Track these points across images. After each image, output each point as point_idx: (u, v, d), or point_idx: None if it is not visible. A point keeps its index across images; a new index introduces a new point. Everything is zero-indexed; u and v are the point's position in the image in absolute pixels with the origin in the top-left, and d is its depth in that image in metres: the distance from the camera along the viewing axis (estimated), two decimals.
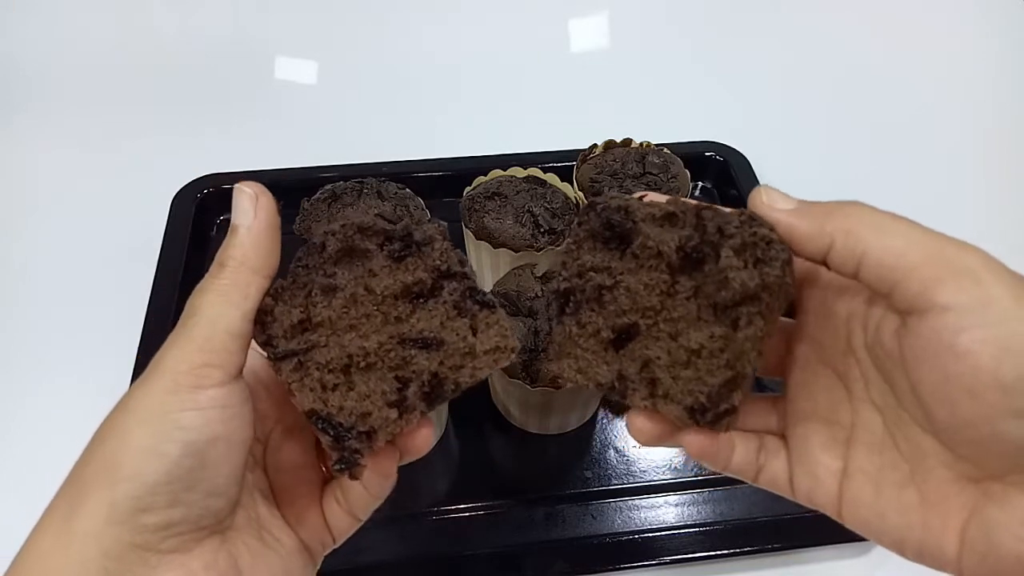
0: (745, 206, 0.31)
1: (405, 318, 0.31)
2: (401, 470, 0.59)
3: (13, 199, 0.77)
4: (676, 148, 0.71)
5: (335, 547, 0.33)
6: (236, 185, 0.30)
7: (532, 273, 0.57)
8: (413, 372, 0.30)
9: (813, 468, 0.31)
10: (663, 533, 0.53)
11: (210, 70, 0.93)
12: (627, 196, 0.32)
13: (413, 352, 0.30)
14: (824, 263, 0.29)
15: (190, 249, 0.68)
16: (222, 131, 0.85)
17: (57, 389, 0.61)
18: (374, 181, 0.63)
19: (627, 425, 0.32)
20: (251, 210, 0.30)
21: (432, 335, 0.30)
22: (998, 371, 0.24)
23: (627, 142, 0.71)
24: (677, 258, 0.30)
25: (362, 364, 0.30)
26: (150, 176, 0.77)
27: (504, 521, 0.54)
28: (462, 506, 0.55)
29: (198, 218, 0.71)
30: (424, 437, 0.32)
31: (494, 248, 0.62)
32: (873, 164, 0.85)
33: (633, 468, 0.57)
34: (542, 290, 0.56)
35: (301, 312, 0.30)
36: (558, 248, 0.63)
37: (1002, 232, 0.78)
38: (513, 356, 0.31)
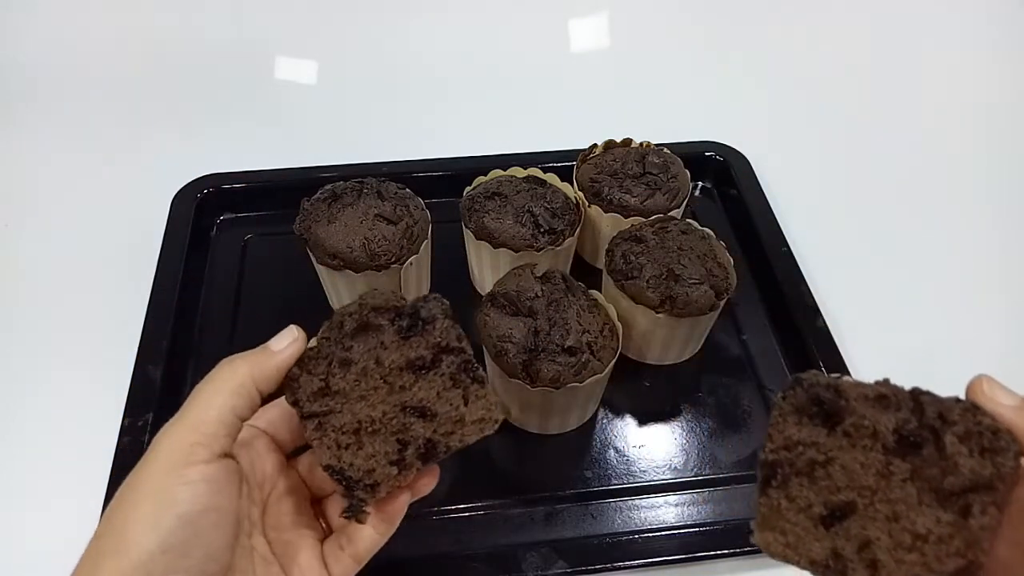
0: (745, 206, 0.31)
1: (408, 387, 0.36)
2: None
3: (13, 199, 0.77)
4: (676, 148, 0.71)
5: None
6: (291, 327, 0.37)
7: (532, 273, 0.57)
8: (411, 437, 0.36)
9: None
10: (663, 533, 0.53)
11: (210, 70, 0.92)
12: (835, 375, 0.33)
13: (412, 420, 0.36)
14: None
15: (190, 249, 0.68)
16: (222, 131, 0.85)
17: (57, 389, 0.61)
18: (374, 181, 0.63)
19: None
20: (286, 343, 0.36)
21: (429, 406, 0.36)
22: None
23: (627, 142, 0.71)
24: (893, 440, 0.31)
25: (369, 429, 0.35)
26: (150, 176, 0.77)
27: (504, 521, 0.54)
28: (462, 506, 0.54)
29: (198, 218, 0.71)
30: (427, 483, 0.39)
31: (494, 248, 0.62)
32: (873, 164, 0.85)
33: (633, 468, 0.57)
34: (542, 290, 0.56)
35: (321, 381, 0.36)
36: (558, 248, 0.63)
37: (1002, 232, 0.78)
38: (496, 426, 0.36)
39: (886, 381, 0.32)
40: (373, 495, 0.35)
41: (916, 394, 0.32)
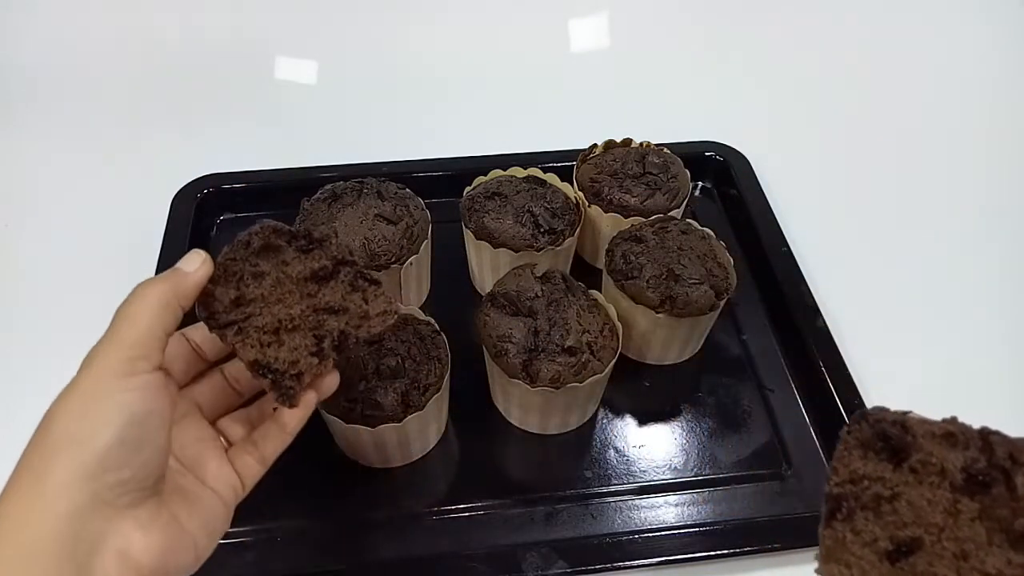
0: (745, 206, 0.31)
1: (315, 294, 0.41)
2: (401, 470, 0.59)
3: (13, 199, 0.77)
4: (676, 148, 0.71)
5: (242, 497, 0.41)
6: (196, 250, 0.40)
7: (532, 273, 0.57)
8: (326, 331, 0.40)
9: None
10: (663, 533, 0.53)
11: (210, 70, 0.92)
12: (902, 411, 0.34)
13: (325, 317, 0.41)
14: None
15: (190, 249, 0.68)
16: (222, 131, 0.85)
17: (57, 389, 0.60)
18: (374, 181, 0.63)
19: None
20: (197, 263, 0.40)
21: (337, 305, 0.41)
22: None
23: (627, 142, 0.71)
24: (961, 478, 0.31)
25: (288, 327, 0.40)
26: (150, 176, 0.77)
27: (504, 521, 0.54)
28: (462, 506, 0.54)
29: (198, 218, 0.71)
30: (331, 381, 0.42)
31: (494, 248, 0.62)
32: (873, 164, 0.85)
33: (633, 468, 0.57)
34: (542, 290, 0.56)
35: (236, 292, 0.40)
36: (558, 248, 0.63)
37: (1002, 232, 0.78)
38: (396, 317, 0.42)
39: (953, 419, 0.33)
40: (299, 383, 0.39)
41: (985, 433, 0.32)
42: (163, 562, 0.35)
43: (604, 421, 0.60)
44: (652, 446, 0.59)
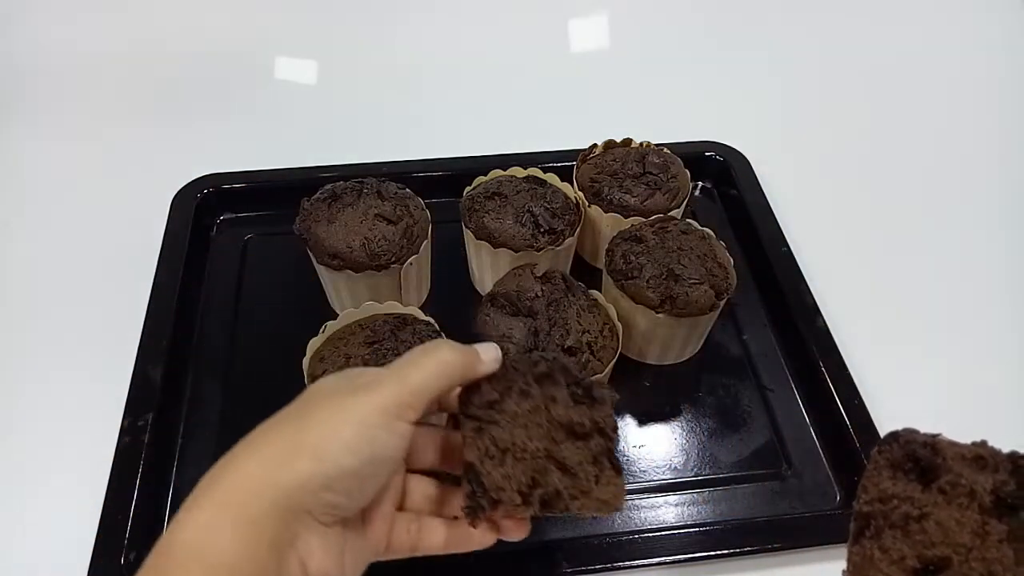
0: (745, 206, 0.31)
1: (559, 442, 0.40)
2: None
3: (13, 199, 0.77)
4: (676, 148, 0.71)
5: (379, 559, 0.40)
6: (493, 344, 0.41)
7: (532, 273, 0.57)
8: (545, 481, 0.39)
9: None
10: (663, 533, 0.53)
11: (210, 70, 0.92)
12: (932, 433, 0.34)
13: (552, 468, 0.39)
14: None
15: (190, 249, 0.68)
16: (222, 131, 0.85)
17: (57, 389, 0.61)
18: (374, 181, 0.63)
19: None
20: (492, 356, 0.40)
21: (571, 466, 0.39)
22: None
23: (627, 142, 0.71)
24: (990, 500, 0.32)
25: (517, 455, 0.39)
26: (150, 176, 0.77)
27: None
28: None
29: (198, 218, 0.71)
30: (518, 531, 0.42)
31: (494, 248, 0.62)
32: (873, 163, 0.85)
33: (633, 468, 0.57)
34: (542, 290, 0.56)
35: (497, 395, 0.40)
36: (558, 248, 0.63)
37: (1003, 231, 0.78)
38: (613, 512, 0.40)
39: (983, 443, 0.34)
40: (492, 509, 0.38)
41: (1015, 458, 0.33)
42: None
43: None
44: (652, 446, 0.59)
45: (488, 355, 0.40)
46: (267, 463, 0.34)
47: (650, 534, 0.52)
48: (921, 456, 0.33)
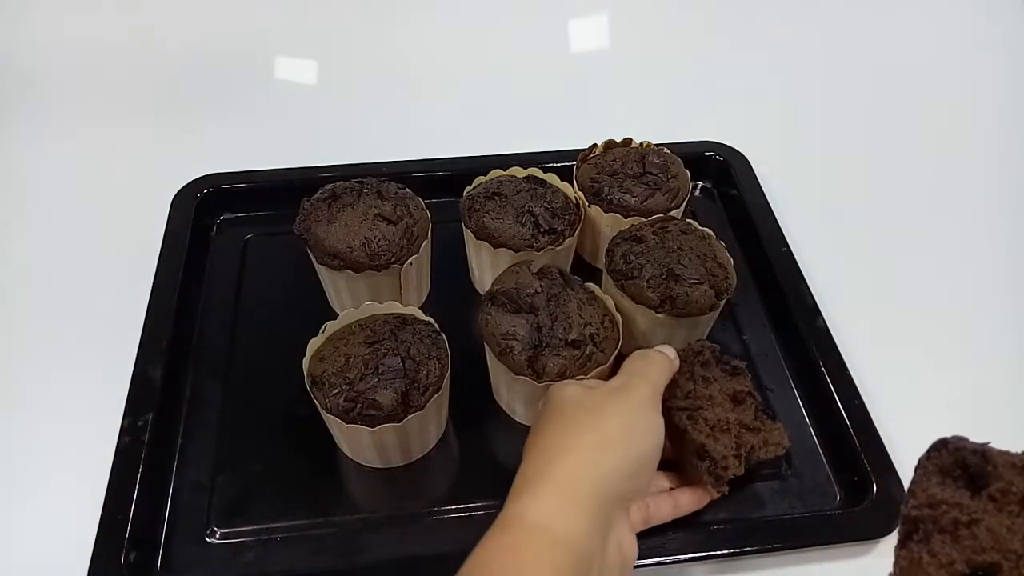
0: (745, 206, 0.32)
1: (734, 409, 0.51)
2: (401, 470, 0.59)
3: (13, 199, 0.77)
4: (676, 148, 0.71)
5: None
6: (668, 347, 0.52)
7: (528, 269, 0.57)
8: (744, 441, 0.50)
9: None
10: (663, 533, 0.52)
11: (210, 70, 0.92)
12: (982, 442, 0.34)
13: (743, 431, 0.51)
14: None
15: (190, 249, 0.68)
16: (222, 131, 0.85)
17: (57, 389, 0.61)
18: (374, 181, 0.63)
19: None
20: (673, 354, 0.51)
21: (751, 424, 0.51)
22: None
23: (627, 142, 0.71)
24: None
25: (723, 427, 0.50)
26: (150, 176, 0.77)
27: None
28: (462, 506, 0.54)
29: (198, 218, 0.71)
30: (694, 504, 0.52)
31: (494, 248, 0.62)
32: (873, 163, 0.85)
33: None
34: (540, 286, 0.56)
35: (692, 387, 0.50)
36: (558, 248, 0.63)
37: (1003, 231, 0.78)
38: (784, 450, 0.52)
39: None
40: (726, 475, 0.49)
41: None
42: (632, 563, 0.43)
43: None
44: None
45: (673, 353, 0.50)
46: (585, 456, 0.41)
47: (650, 534, 0.52)
48: (971, 463, 0.34)
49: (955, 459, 0.34)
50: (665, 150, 0.70)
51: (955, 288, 0.72)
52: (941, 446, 0.34)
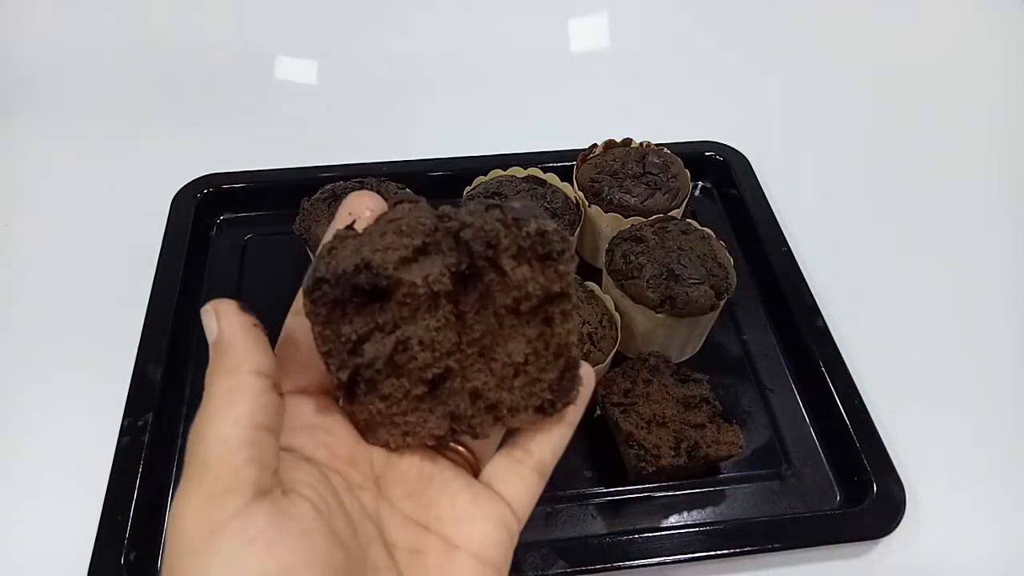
0: (745, 206, 0.32)
1: (683, 412, 0.55)
2: None
3: (13, 199, 0.77)
4: (676, 148, 0.71)
5: None
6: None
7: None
8: (686, 437, 0.53)
9: None
10: (663, 533, 0.52)
11: (210, 70, 0.92)
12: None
13: (687, 428, 0.54)
14: None
15: (190, 249, 0.68)
16: (222, 131, 0.85)
17: (57, 389, 0.61)
18: (374, 181, 0.63)
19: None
20: (214, 324, 0.28)
21: (697, 422, 0.54)
22: None
23: (627, 142, 0.71)
24: (451, 282, 0.29)
25: (661, 423, 0.53)
26: (149, 176, 0.77)
27: None
28: None
29: (198, 218, 0.71)
30: None
31: None
32: (873, 164, 0.85)
33: None
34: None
35: (629, 386, 0.55)
36: None
37: (1003, 231, 0.78)
38: (740, 451, 0.53)
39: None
40: (656, 464, 0.52)
41: (454, 232, 0.29)
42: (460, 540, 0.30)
43: (605, 420, 0.60)
44: None
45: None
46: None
47: (650, 534, 0.52)
48: (361, 283, 0.29)
49: (343, 288, 0.29)
50: (665, 150, 0.70)
51: (955, 288, 0.72)
52: (320, 283, 0.29)
